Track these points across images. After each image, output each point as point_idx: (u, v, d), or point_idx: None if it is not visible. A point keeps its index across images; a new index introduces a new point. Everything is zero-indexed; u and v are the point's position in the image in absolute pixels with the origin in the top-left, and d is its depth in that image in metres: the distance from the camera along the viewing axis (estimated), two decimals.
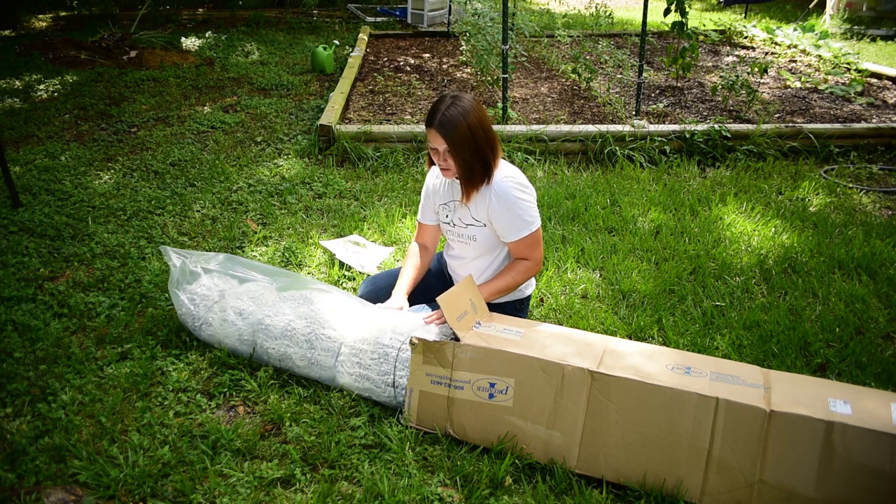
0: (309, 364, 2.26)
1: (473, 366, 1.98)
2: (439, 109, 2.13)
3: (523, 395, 1.94)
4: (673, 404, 1.79)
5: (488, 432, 2.00)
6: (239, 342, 2.37)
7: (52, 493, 1.85)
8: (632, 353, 1.98)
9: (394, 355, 2.14)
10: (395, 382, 2.12)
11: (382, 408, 2.17)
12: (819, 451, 1.68)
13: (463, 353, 1.99)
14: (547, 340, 2.01)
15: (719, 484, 1.77)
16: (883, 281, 2.96)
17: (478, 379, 1.98)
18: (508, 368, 1.95)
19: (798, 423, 1.69)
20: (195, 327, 2.45)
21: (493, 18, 5.52)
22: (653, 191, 3.89)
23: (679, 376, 1.84)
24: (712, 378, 1.84)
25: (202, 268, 2.55)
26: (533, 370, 1.92)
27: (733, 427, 1.74)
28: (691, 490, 1.80)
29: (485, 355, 1.97)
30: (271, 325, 2.31)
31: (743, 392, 1.77)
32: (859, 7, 9.41)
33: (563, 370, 1.88)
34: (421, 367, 2.05)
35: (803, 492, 1.70)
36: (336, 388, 2.24)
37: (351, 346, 2.20)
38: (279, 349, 2.29)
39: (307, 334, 2.26)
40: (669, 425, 1.80)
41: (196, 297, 2.46)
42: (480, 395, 1.99)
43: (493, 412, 1.98)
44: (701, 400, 1.76)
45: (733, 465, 1.75)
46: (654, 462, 1.83)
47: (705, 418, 1.76)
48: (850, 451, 1.65)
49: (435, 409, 2.06)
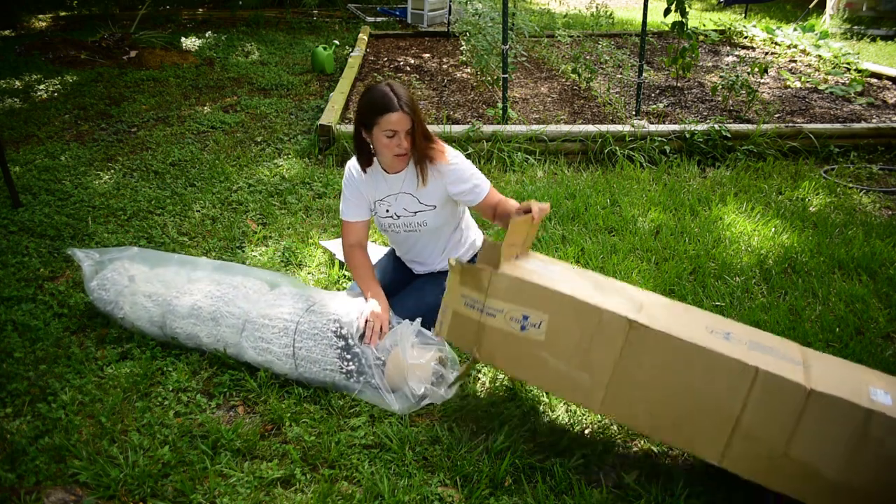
0: (216, 341, 2.35)
1: (509, 295, 1.94)
2: (396, 94, 2.17)
3: (556, 333, 1.89)
4: (710, 367, 1.71)
5: (516, 363, 1.98)
6: (150, 324, 2.46)
7: (52, 493, 1.85)
8: (672, 309, 1.93)
9: (293, 328, 2.22)
10: (294, 354, 2.21)
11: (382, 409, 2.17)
12: (852, 437, 1.62)
13: (499, 281, 1.95)
14: (586, 283, 1.97)
15: (742, 451, 1.71)
16: (883, 281, 2.96)
17: (512, 309, 1.94)
18: (544, 304, 1.90)
19: (838, 406, 1.61)
20: (108, 312, 2.53)
21: (493, 18, 5.52)
22: (653, 191, 3.89)
23: (719, 340, 1.78)
24: (751, 347, 1.77)
25: (109, 258, 2.65)
26: (569, 310, 1.86)
27: (768, 399, 1.67)
28: (712, 452, 1.74)
29: (521, 287, 1.93)
30: (178, 306, 2.40)
31: (782, 366, 1.71)
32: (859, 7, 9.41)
33: (601, 315, 1.82)
34: (458, 287, 2.04)
35: (825, 473, 1.64)
36: (243, 362, 2.33)
37: (254, 322, 2.29)
38: (186, 329, 2.39)
39: (212, 312, 2.35)
40: (702, 387, 1.73)
41: (106, 283, 2.55)
42: (513, 326, 1.95)
43: (523, 344, 1.94)
44: (740, 367, 1.68)
45: (760, 437, 1.69)
46: (678, 419, 1.78)
47: (741, 386, 1.68)
48: (886, 443, 1.60)
49: (465, 332, 2.04)
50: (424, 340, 2.21)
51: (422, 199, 2.35)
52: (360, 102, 2.24)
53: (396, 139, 2.20)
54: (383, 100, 2.16)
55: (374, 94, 2.19)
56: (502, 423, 2.10)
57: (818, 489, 1.67)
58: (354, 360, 2.17)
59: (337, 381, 2.20)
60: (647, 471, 1.97)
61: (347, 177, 2.44)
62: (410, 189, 2.36)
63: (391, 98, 2.16)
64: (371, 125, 2.20)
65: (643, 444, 2.08)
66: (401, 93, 2.18)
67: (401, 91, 2.19)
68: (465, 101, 5.50)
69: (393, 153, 2.23)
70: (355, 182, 2.42)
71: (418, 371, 2.14)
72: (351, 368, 2.18)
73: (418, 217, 2.38)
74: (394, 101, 2.15)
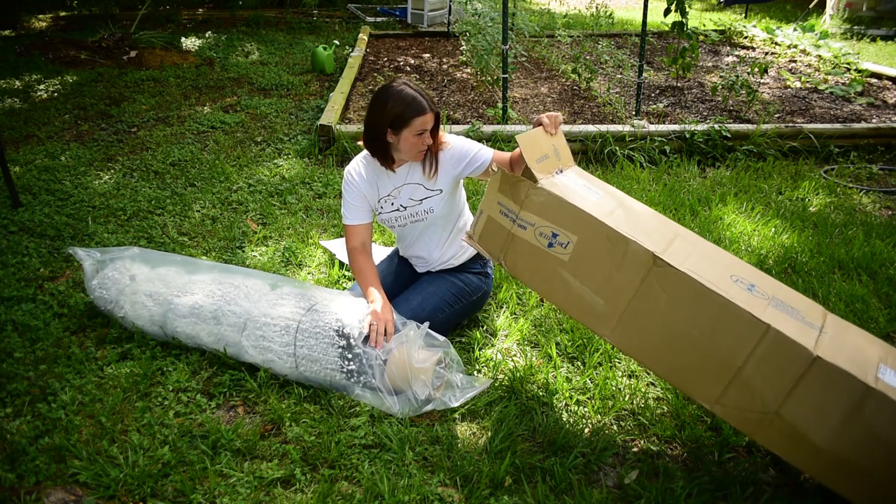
0: (216, 340, 2.34)
1: (542, 211, 1.96)
2: (422, 94, 2.25)
3: (581, 255, 1.91)
4: (723, 315, 1.72)
5: (537, 277, 2.02)
6: (151, 323, 2.45)
7: (52, 493, 1.85)
8: (703, 250, 1.92)
9: (294, 327, 2.23)
10: (295, 353, 2.21)
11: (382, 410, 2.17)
12: (845, 410, 1.62)
13: (536, 195, 1.96)
14: (620, 210, 1.97)
15: (736, 401, 1.75)
16: (883, 281, 2.96)
17: (543, 225, 1.96)
18: (575, 225, 1.91)
19: (839, 377, 1.61)
20: (109, 311, 2.52)
21: (493, 18, 5.52)
22: (653, 191, 3.89)
23: (740, 290, 1.76)
24: (772, 304, 1.77)
25: (110, 258, 2.64)
26: (599, 234, 1.87)
27: (773, 357, 1.68)
28: (707, 396, 1.78)
29: (557, 204, 1.93)
30: (179, 305, 2.40)
31: (797, 327, 1.70)
32: (859, 7, 9.41)
33: (628, 245, 1.82)
34: (495, 194, 2.07)
35: (813, 438, 1.67)
36: (244, 362, 2.33)
37: (255, 321, 2.29)
38: (187, 328, 2.38)
39: (213, 311, 2.35)
40: (712, 333, 1.74)
41: (107, 282, 2.54)
42: (540, 241, 1.97)
43: (547, 260, 1.97)
44: (753, 321, 1.68)
45: (756, 390, 1.72)
46: (683, 359, 1.81)
47: (749, 339, 1.69)
48: (878, 422, 1.60)
49: (496, 238, 2.09)
50: (430, 342, 2.21)
51: (428, 184, 2.40)
52: (387, 106, 2.23)
53: (424, 137, 2.28)
54: (415, 102, 2.22)
55: (404, 96, 2.23)
56: (502, 423, 2.10)
57: (802, 452, 1.70)
58: (355, 360, 2.17)
59: (337, 380, 2.20)
60: (647, 471, 1.97)
61: (348, 181, 2.45)
62: (415, 178, 2.41)
63: (421, 100, 2.23)
64: (402, 127, 2.24)
65: (643, 444, 2.08)
66: (424, 92, 2.27)
67: (422, 90, 2.28)
68: (465, 101, 5.50)
69: (418, 150, 2.30)
70: (357, 185, 2.44)
71: (423, 375, 2.14)
72: (352, 368, 2.17)
73: (425, 204, 2.42)
74: (425, 103, 2.23)
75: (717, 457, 2.03)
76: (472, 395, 2.19)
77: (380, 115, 2.25)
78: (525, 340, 2.56)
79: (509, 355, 2.48)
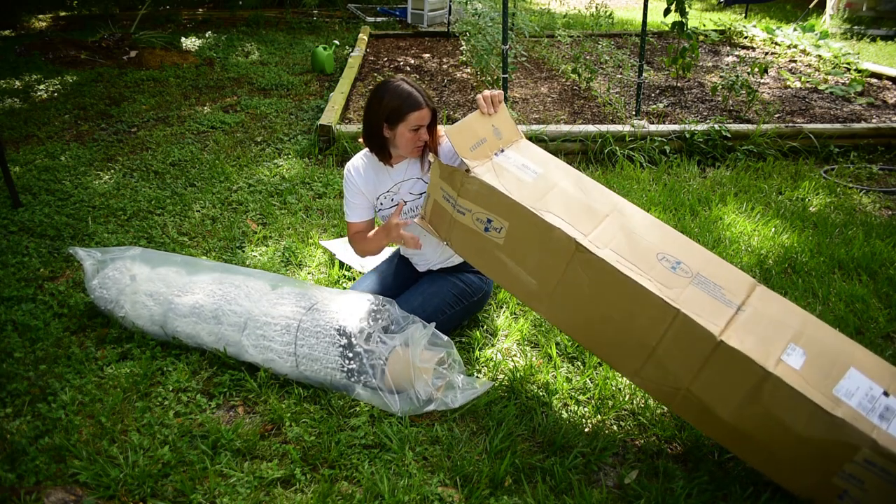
0: (217, 339, 2.34)
1: (476, 198, 2.06)
2: (419, 90, 2.27)
3: (514, 239, 2.03)
4: (637, 298, 1.83)
5: (479, 259, 2.16)
6: (151, 323, 2.45)
7: (52, 493, 1.85)
8: (632, 229, 1.99)
9: (295, 326, 2.23)
10: (296, 352, 2.21)
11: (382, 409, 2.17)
12: (747, 390, 1.74)
13: (470, 184, 2.05)
14: (553, 192, 2.04)
15: (652, 376, 1.89)
16: (883, 281, 2.96)
17: (478, 211, 2.07)
18: (506, 212, 2.01)
19: (740, 361, 1.72)
20: (109, 311, 2.52)
21: (493, 18, 5.52)
22: (653, 191, 3.89)
23: (661, 270, 1.87)
24: (694, 282, 1.86)
25: (110, 258, 2.65)
26: (527, 221, 1.97)
27: (682, 340, 1.79)
28: (629, 369, 1.94)
29: (488, 192, 2.02)
30: (180, 305, 2.40)
31: (710, 308, 1.80)
32: (859, 7, 9.41)
33: (553, 232, 1.93)
34: (438, 180, 2.17)
35: (719, 413, 1.80)
36: (244, 361, 2.32)
37: (256, 320, 2.29)
38: (187, 328, 2.38)
39: (214, 310, 2.35)
40: (629, 315, 1.87)
41: (108, 282, 2.54)
42: (477, 226, 2.09)
43: (485, 243, 2.10)
44: (664, 306, 1.79)
45: (669, 368, 1.85)
46: (605, 337, 1.96)
47: (661, 322, 1.81)
48: (774, 403, 1.71)
49: (441, 221, 2.22)
50: (434, 342, 2.21)
51: (427, 178, 2.42)
52: (383, 101, 2.26)
53: (420, 132, 2.30)
54: (410, 98, 2.25)
55: (400, 92, 2.26)
56: (502, 423, 2.10)
57: (710, 425, 1.85)
58: (356, 360, 2.18)
59: (338, 379, 2.20)
60: (647, 471, 1.97)
61: (347, 179, 2.47)
62: (414, 173, 2.43)
63: (417, 96, 2.26)
64: (397, 121, 2.26)
65: (643, 444, 2.08)
66: (421, 89, 2.30)
67: (419, 86, 2.31)
68: (465, 101, 5.49)
69: (414, 145, 2.32)
70: (356, 183, 2.46)
71: (425, 375, 2.15)
72: (352, 367, 2.18)
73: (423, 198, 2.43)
74: (421, 99, 2.26)
75: (717, 457, 2.03)
76: (473, 396, 2.19)
77: (376, 111, 2.28)
78: (525, 340, 2.56)
79: (509, 355, 2.48)
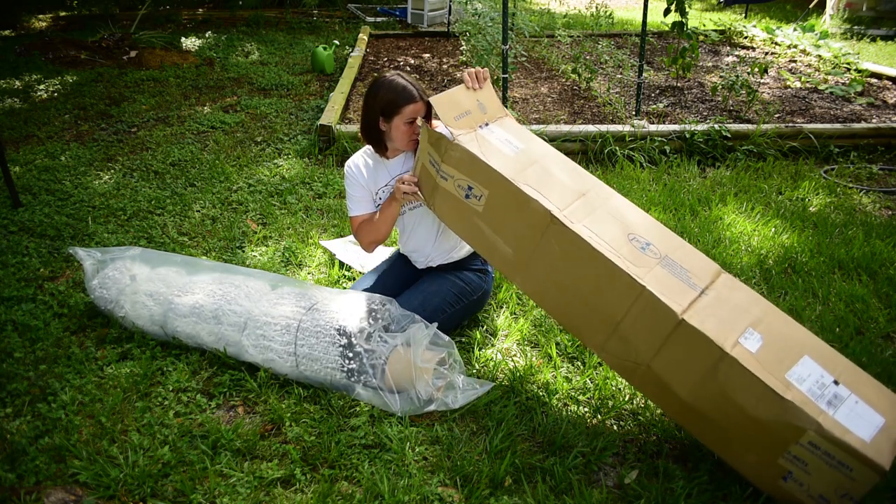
0: (217, 339, 2.34)
1: (459, 165, 2.11)
2: (413, 84, 2.32)
3: (493, 207, 2.08)
4: (606, 273, 1.89)
5: (459, 224, 2.21)
6: (151, 323, 2.45)
7: (52, 493, 1.85)
8: (606, 208, 2.05)
9: (295, 326, 2.24)
10: (296, 352, 2.22)
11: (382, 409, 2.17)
12: (704, 369, 1.79)
13: (453, 150, 2.10)
14: (533, 168, 2.09)
15: (616, 351, 1.95)
16: (883, 281, 2.96)
17: (460, 177, 2.12)
18: (486, 180, 2.06)
19: (699, 340, 1.77)
20: (109, 311, 2.52)
21: (493, 18, 5.52)
22: (653, 191, 3.89)
23: (631, 249, 1.92)
24: (662, 263, 1.91)
25: (110, 258, 2.65)
26: (506, 190, 2.02)
27: (646, 316, 1.85)
28: (594, 343, 2.01)
29: (470, 160, 2.08)
30: (180, 305, 2.40)
31: (675, 289, 1.85)
32: (859, 7, 9.40)
33: (530, 203, 1.98)
34: (426, 144, 2.22)
35: (677, 391, 1.85)
36: (244, 361, 2.33)
37: (256, 320, 2.29)
38: (187, 328, 2.38)
39: (214, 310, 2.35)
40: (597, 289, 1.93)
41: (108, 282, 2.54)
42: (458, 192, 2.15)
43: (465, 210, 2.15)
44: (631, 282, 1.85)
45: (632, 343, 1.90)
46: (574, 309, 2.02)
47: (627, 297, 1.86)
48: (728, 382, 1.76)
49: (427, 185, 2.27)
50: (435, 342, 2.21)
51: None
52: (378, 94, 2.33)
53: (415, 126, 2.34)
54: (405, 91, 2.30)
55: (394, 86, 2.31)
56: (502, 423, 2.10)
57: (668, 401, 1.91)
58: (356, 359, 2.18)
59: (338, 379, 2.20)
60: (647, 471, 1.97)
61: (348, 175, 2.51)
62: (412, 167, 2.45)
63: (411, 89, 2.31)
64: (393, 114, 2.32)
65: (643, 444, 2.08)
66: (416, 83, 2.35)
67: (414, 81, 2.35)
68: None
69: (409, 138, 2.36)
70: (357, 178, 2.50)
71: (426, 375, 2.15)
72: (352, 367, 2.18)
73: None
74: (415, 92, 2.31)
75: (717, 457, 2.03)
76: (474, 396, 2.19)
77: (372, 104, 2.34)
78: (525, 340, 2.56)
79: (509, 355, 2.48)
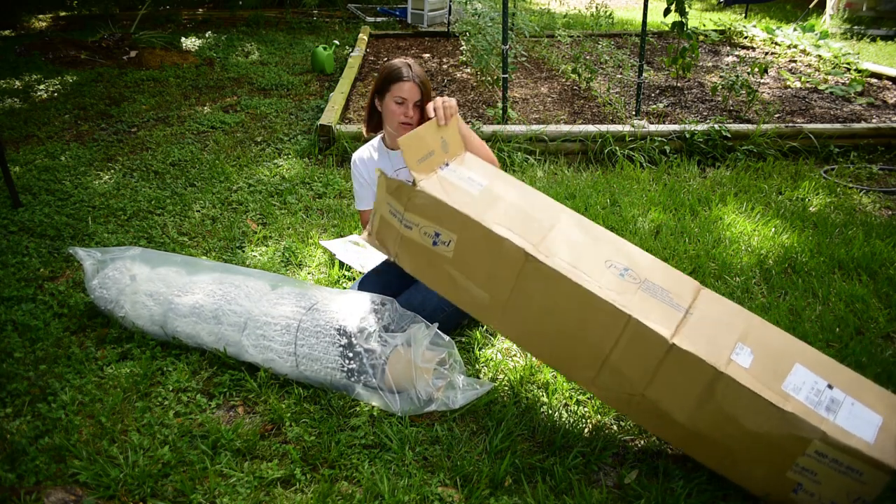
0: (217, 339, 2.34)
1: (424, 212, 2.04)
2: (411, 67, 2.37)
3: (463, 252, 2.01)
4: (589, 306, 1.84)
5: (429, 274, 2.12)
6: (151, 323, 2.45)
7: (52, 493, 1.85)
8: (579, 237, 2.00)
9: (295, 326, 2.23)
10: (296, 352, 2.21)
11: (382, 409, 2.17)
12: (700, 391, 1.77)
13: (417, 198, 2.03)
14: (500, 204, 2.03)
15: (608, 383, 1.90)
16: (883, 281, 2.96)
17: (425, 225, 2.05)
18: (454, 224, 2.00)
19: (692, 362, 1.75)
20: (109, 311, 2.52)
21: (493, 18, 5.52)
22: (653, 191, 3.89)
23: (611, 277, 1.88)
24: (643, 288, 1.88)
25: (110, 258, 2.65)
26: (475, 233, 1.96)
27: (635, 345, 1.81)
28: (584, 378, 1.95)
29: (435, 206, 2.01)
30: (180, 305, 2.40)
31: (660, 313, 1.82)
32: (859, 7, 9.40)
33: (503, 244, 1.92)
34: (384, 194, 2.14)
35: (676, 416, 1.82)
36: (244, 361, 2.32)
37: (256, 320, 2.29)
38: (187, 328, 2.38)
39: (214, 310, 2.35)
40: (581, 322, 1.88)
41: (108, 282, 2.54)
42: (425, 240, 2.07)
43: (433, 258, 2.07)
44: (615, 312, 1.81)
45: (624, 373, 1.86)
46: (560, 346, 1.96)
47: (614, 328, 1.82)
48: (726, 401, 1.74)
49: (389, 236, 2.18)
50: (435, 342, 2.21)
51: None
52: (379, 74, 2.43)
53: (404, 107, 2.37)
54: (398, 70, 2.37)
55: (391, 65, 2.41)
56: (502, 423, 2.10)
57: (666, 428, 1.87)
58: (356, 359, 2.18)
59: (338, 379, 2.20)
60: (647, 471, 1.97)
61: (354, 170, 2.60)
62: None
63: (405, 69, 2.37)
64: (384, 92, 2.39)
65: (643, 444, 2.08)
66: (415, 67, 2.40)
67: (415, 66, 2.41)
68: (465, 101, 5.49)
69: (399, 120, 2.38)
70: (361, 172, 2.57)
71: (426, 375, 2.15)
72: (352, 367, 2.18)
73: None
74: (406, 72, 2.36)
75: None
76: (474, 396, 2.20)
77: (373, 84, 2.42)
78: None
79: (509, 355, 2.48)
